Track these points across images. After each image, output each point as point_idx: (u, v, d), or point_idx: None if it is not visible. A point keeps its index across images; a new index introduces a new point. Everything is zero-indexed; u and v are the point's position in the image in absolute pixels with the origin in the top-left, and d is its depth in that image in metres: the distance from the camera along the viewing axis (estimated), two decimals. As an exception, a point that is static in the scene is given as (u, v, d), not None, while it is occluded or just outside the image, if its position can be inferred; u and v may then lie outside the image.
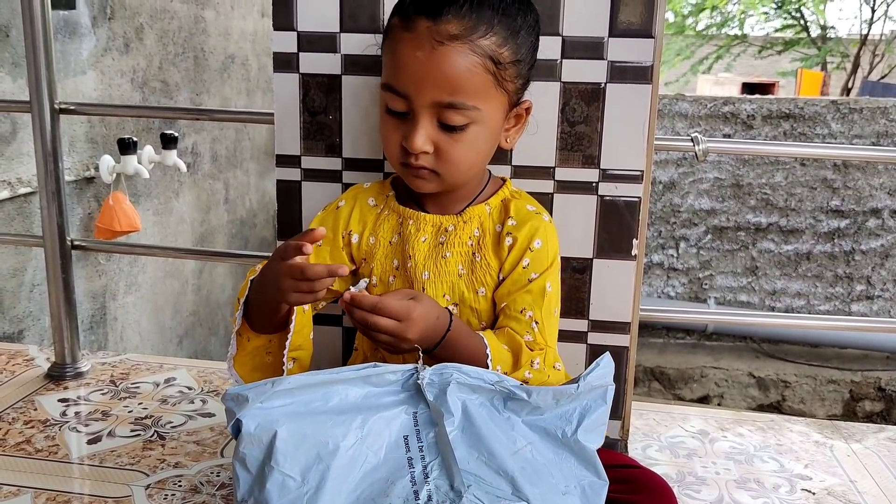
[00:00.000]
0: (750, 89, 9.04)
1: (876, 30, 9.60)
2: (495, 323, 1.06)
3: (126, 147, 2.66)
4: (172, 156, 2.95)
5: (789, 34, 10.77)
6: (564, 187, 1.20)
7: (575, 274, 1.22)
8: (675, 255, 4.78)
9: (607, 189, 1.20)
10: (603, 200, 1.20)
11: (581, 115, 1.18)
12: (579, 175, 1.20)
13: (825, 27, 10.18)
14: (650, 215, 4.68)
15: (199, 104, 3.49)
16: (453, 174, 1.01)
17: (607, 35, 1.15)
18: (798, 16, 10.29)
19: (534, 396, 0.81)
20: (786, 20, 10.61)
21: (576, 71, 1.17)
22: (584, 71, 1.16)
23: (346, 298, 0.90)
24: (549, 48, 1.14)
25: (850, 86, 9.29)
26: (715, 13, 10.95)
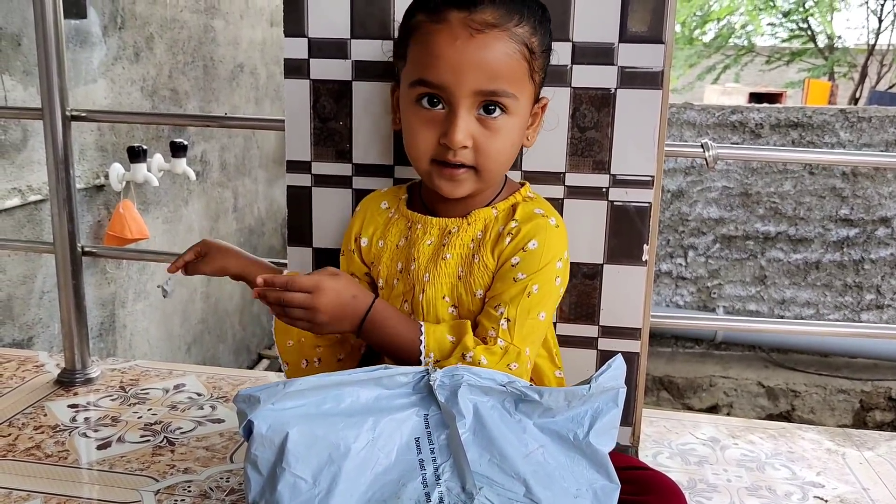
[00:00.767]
0: (757, 99, 9.02)
1: (883, 40, 9.56)
2: None
3: (136, 155, 2.67)
4: (182, 164, 2.96)
5: (796, 45, 10.76)
6: (575, 192, 1.20)
7: (585, 279, 1.22)
8: (684, 264, 4.77)
9: (618, 194, 1.20)
10: (613, 206, 1.20)
11: (591, 121, 1.18)
12: (590, 180, 1.20)
13: (832, 37, 10.16)
14: (658, 224, 4.67)
15: (209, 112, 3.51)
16: (492, 169, 0.99)
17: (617, 40, 1.15)
18: (805, 26, 10.28)
19: (545, 397, 0.81)
20: (793, 31, 10.60)
21: (586, 76, 1.17)
22: (595, 76, 1.17)
23: (259, 283, 0.91)
24: (560, 54, 1.14)
25: (858, 96, 9.27)
26: (722, 23, 10.96)
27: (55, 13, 1.44)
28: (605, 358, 1.23)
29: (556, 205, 1.19)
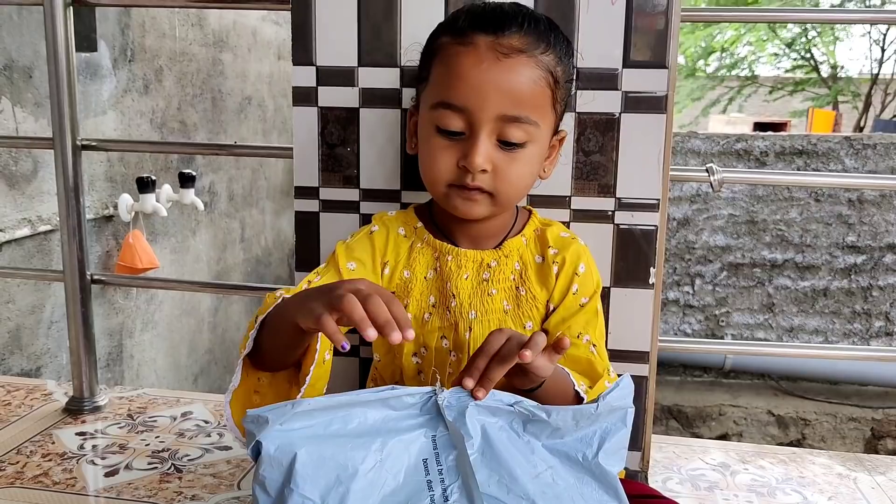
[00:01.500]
0: (762, 129, 9.06)
1: (887, 69, 9.63)
2: None
3: (144, 186, 2.70)
4: (190, 194, 2.98)
5: (800, 74, 10.82)
6: (581, 216, 1.21)
7: (592, 303, 1.22)
8: (691, 292, 4.76)
9: (623, 218, 1.20)
10: (619, 229, 1.21)
11: (596, 145, 1.19)
12: (595, 204, 1.20)
13: (835, 66, 10.23)
14: (665, 250, 4.67)
15: (217, 144, 3.54)
16: (509, 194, 0.98)
17: (621, 66, 1.17)
18: (808, 56, 10.36)
19: (553, 416, 0.81)
20: (796, 61, 10.68)
21: (590, 101, 1.18)
22: (599, 101, 1.18)
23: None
24: (564, 79, 1.15)
25: (863, 125, 9.30)
26: (725, 55, 11.04)
27: (67, 46, 1.46)
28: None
29: (563, 228, 1.20)
